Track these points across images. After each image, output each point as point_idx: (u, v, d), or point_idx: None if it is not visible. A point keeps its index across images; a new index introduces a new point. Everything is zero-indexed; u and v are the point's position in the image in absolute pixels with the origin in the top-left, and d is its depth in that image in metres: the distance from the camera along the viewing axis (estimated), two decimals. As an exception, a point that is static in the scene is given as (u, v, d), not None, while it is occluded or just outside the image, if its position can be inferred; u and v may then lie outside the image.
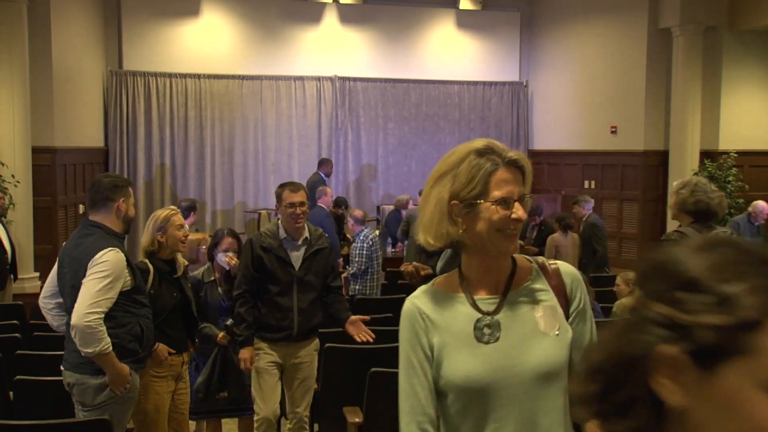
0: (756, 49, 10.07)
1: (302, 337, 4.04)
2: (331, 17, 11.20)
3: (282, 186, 4.12)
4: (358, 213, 7.23)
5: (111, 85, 10.20)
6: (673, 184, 4.05)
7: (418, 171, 11.52)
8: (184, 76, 10.53)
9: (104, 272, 3.13)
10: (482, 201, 1.53)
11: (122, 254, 3.23)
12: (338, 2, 11.13)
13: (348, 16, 11.23)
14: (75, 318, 3.08)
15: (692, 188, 3.80)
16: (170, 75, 10.48)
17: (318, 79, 11.09)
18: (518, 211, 1.54)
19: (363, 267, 6.82)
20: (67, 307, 3.30)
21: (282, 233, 4.02)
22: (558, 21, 11.50)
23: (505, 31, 11.87)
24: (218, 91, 10.72)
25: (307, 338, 4.08)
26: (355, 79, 11.27)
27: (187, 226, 4.09)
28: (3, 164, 7.56)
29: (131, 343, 3.21)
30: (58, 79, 8.70)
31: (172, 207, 4.03)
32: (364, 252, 6.81)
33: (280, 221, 4.08)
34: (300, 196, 3.98)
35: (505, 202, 1.53)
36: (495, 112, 11.80)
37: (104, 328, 3.11)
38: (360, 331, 3.98)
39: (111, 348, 3.14)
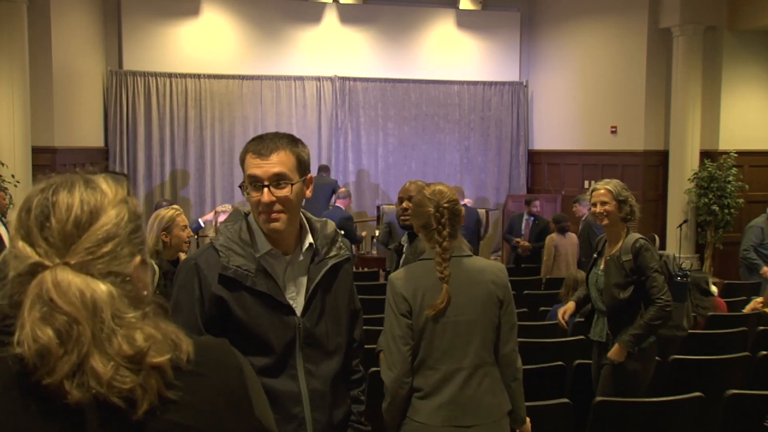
0: (756, 49, 10.07)
1: None
2: (331, 17, 11.20)
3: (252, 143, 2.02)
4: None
5: (111, 85, 10.20)
6: (606, 186, 3.65)
7: (418, 171, 11.52)
8: (184, 76, 10.53)
9: None
10: None
11: None
12: (338, 2, 11.14)
13: (348, 16, 11.23)
14: None
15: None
16: (170, 75, 10.48)
17: (318, 79, 11.09)
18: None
19: None
20: None
21: (263, 243, 1.95)
22: (558, 21, 11.50)
23: (505, 31, 11.87)
24: (218, 91, 10.72)
25: None
26: (355, 79, 11.27)
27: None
28: (3, 164, 7.56)
29: None
30: (58, 79, 8.70)
31: (176, 207, 3.96)
32: None
33: (251, 217, 2.01)
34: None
35: None
36: (495, 112, 11.80)
37: None
38: None
39: None
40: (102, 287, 0.96)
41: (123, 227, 1.01)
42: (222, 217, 5.41)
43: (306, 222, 2.04)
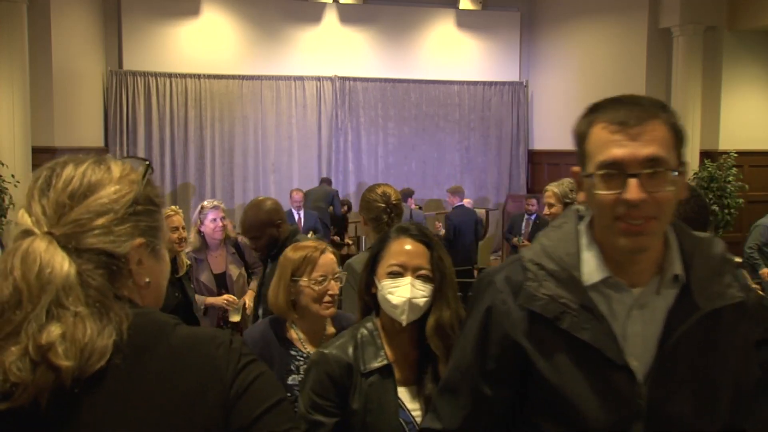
0: (756, 49, 10.06)
1: None
2: (331, 17, 11.20)
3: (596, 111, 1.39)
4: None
5: (111, 85, 10.20)
6: (552, 189, 3.61)
7: (418, 171, 11.53)
8: (184, 76, 10.53)
9: None
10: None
11: None
12: (338, 2, 11.13)
13: (348, 16, 11.23)
14: None
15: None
16: (170, 75, 10.48)
17: (318, 79, 11.09)
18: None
19: None
20: None
21: (597, 265, 1.23)
22: (558, 21, 11.50)
23: (505, 31, 11.87)
24: (218, 91, 10.72)
25: None
26: (355, 79, 11.27)
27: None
28: (3, 164, 7.55)
29: None
30: (58, 79, 8.69)
31: (173, 207, 3.94)
32: None
33: (583, 225, 1.30)
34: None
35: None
36: (495, 112, 11.80)
37: None
38: None
39: None
40: (66, 268, 0.92)
41: (122, 204, 0.99)
42: (211, 215, 4.21)
43: (674, 237, 1.28)
